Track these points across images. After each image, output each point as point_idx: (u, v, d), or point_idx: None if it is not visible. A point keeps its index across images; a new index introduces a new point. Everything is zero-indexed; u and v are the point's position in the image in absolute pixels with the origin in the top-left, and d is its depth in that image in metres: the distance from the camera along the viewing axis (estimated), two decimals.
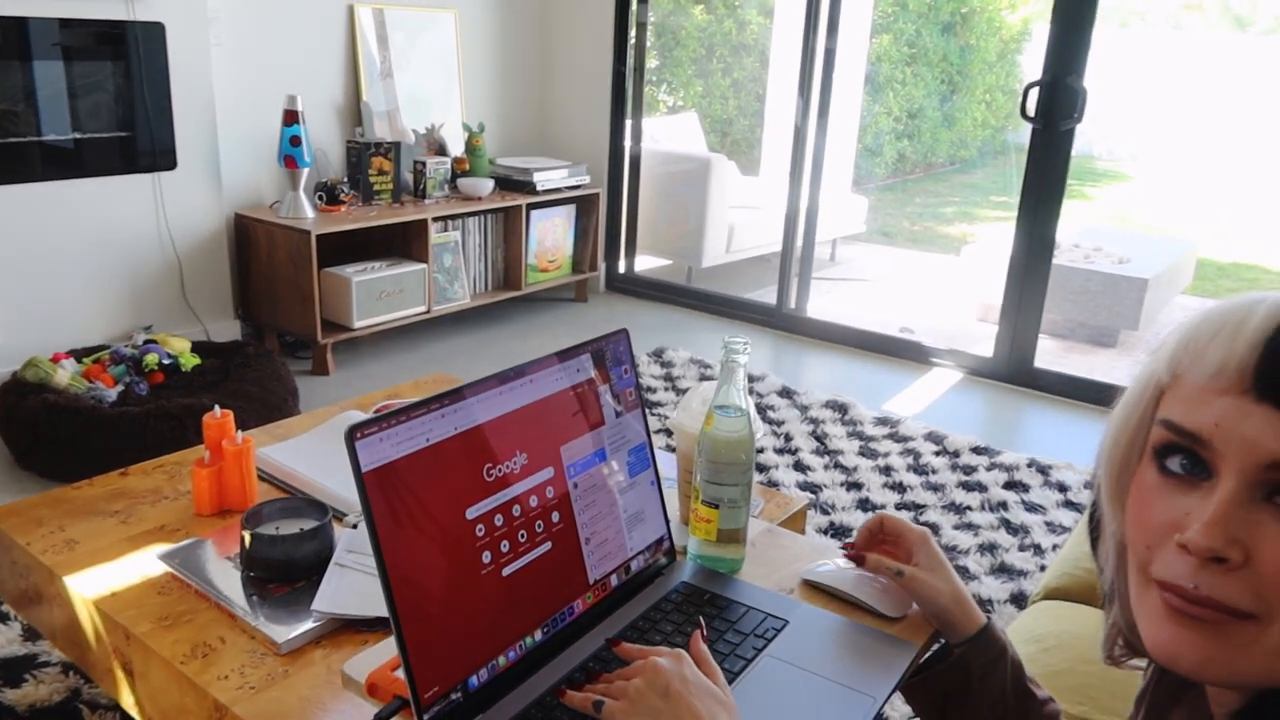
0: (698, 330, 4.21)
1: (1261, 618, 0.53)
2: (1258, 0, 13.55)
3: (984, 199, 9.54)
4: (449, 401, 0.80)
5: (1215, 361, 0.54)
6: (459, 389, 0.82)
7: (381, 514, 0.73)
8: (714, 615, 0.94)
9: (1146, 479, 0.58)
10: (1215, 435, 0.54)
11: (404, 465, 0.75)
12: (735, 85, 6.78)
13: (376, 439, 0.74)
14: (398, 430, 0.76)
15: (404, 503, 0.75)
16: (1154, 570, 0.57)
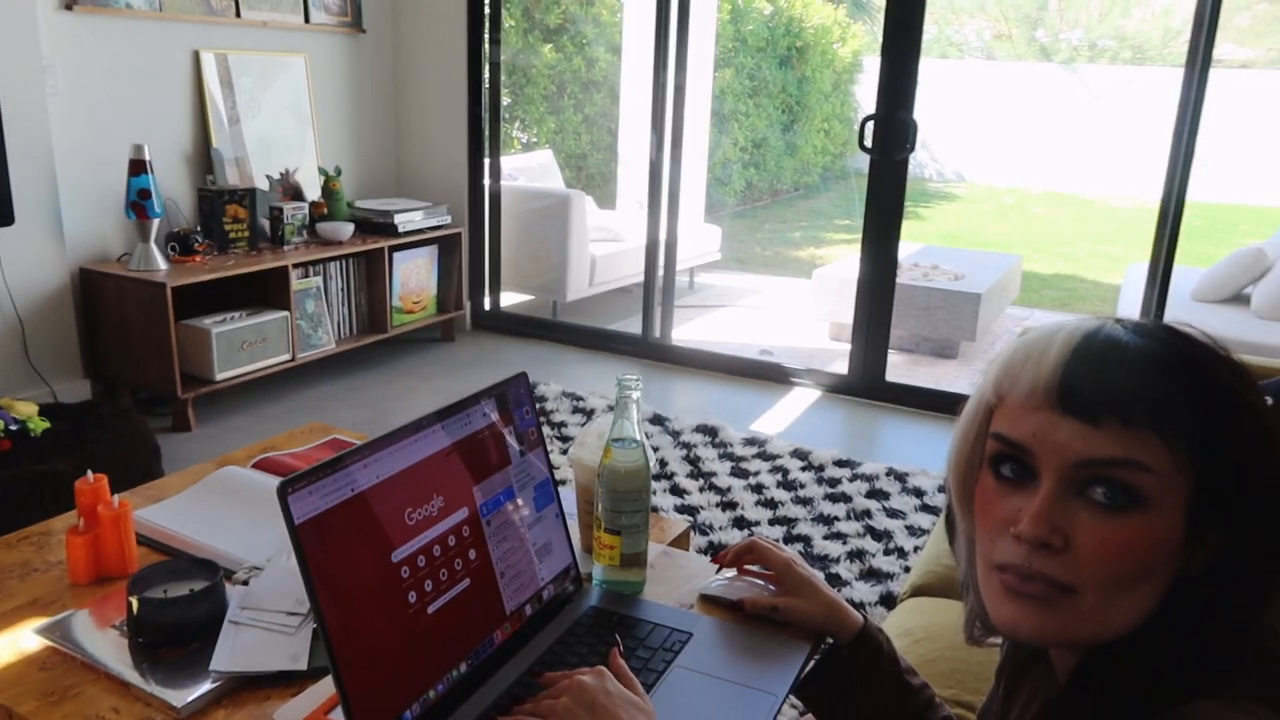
0: (567, 364, 4.28)
1: (1079, 590, 0.64)
2: (1058, 32, 14.77)
3: (829, 223, 10.01)
4: (370, 452, 0.84)
5: (1027, 384, 0.66)
6: (378, 440, 0.86)
7: (316, 564, 0.77)
8: (624, 634, 1.01)
9: (986, 484, 0.70)
10: (1034, 444, 0.66)
11: (333, 516, 0.79)
12: (587, 121, 6.92)
13: (306, 492, 0.78)
14: (325, 483, 0.79)
15: (335, 551, 0.79)
16: (995, 558, 0.68)
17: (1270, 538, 0.65)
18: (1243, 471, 0.64)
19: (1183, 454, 0.63)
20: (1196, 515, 0.64)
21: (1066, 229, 10.18)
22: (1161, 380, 0.64)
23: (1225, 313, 4.41)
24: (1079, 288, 7.44)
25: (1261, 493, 0.65)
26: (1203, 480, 0.64)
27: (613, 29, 6.55)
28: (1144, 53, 13.79)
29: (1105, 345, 0.66)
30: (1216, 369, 0.66)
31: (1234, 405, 0.65)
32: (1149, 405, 0.63)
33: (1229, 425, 0.64)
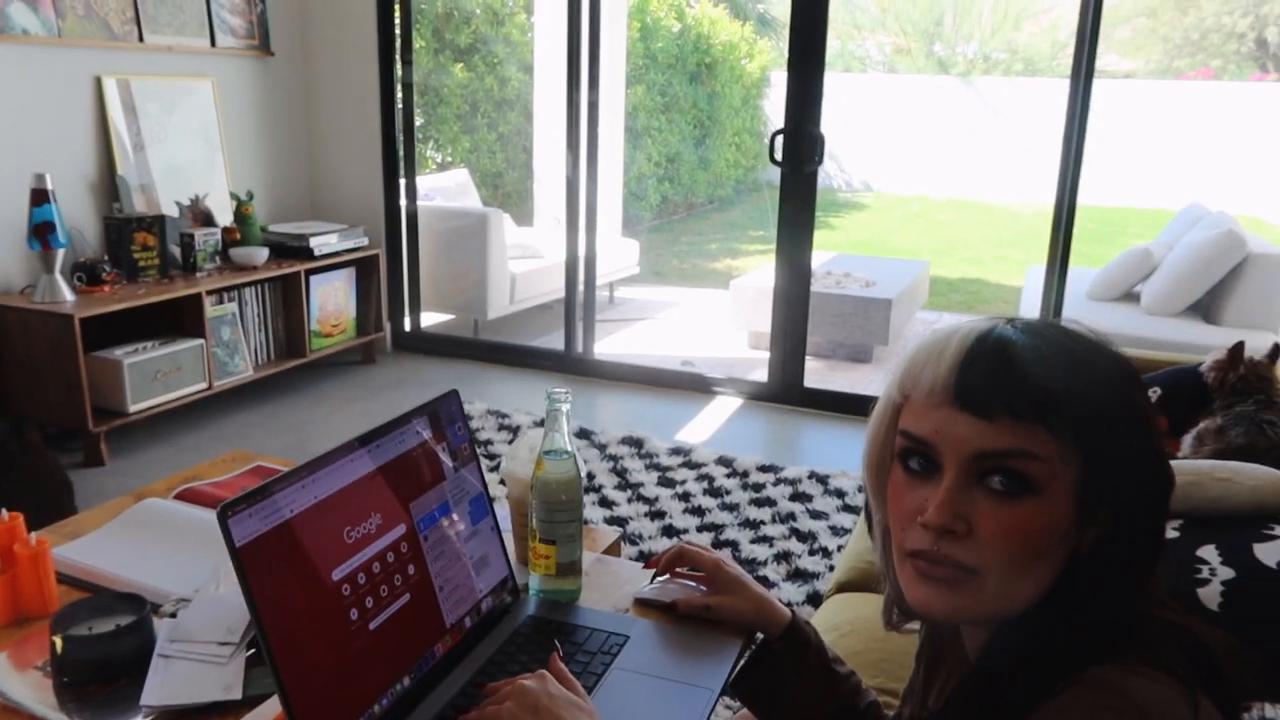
0: (491, 382, 4.28)
1: (983, 572, 0.71)
2: (954, 46, 15.31)
3: (743, 234, 10.18)
4: (307, 473, 0.86)
5: (928, 383, 0.72)
6: (315, 460, 0.88)
7: (258, 586, 0.78)
8: (562, 640, 1.04)
9: (896, 477, 0.76)
10: (936, 439, 0.72)
11: (273, 537, 0.81)
12: (502, 139, 6.93)
13: (246, 515, 0.79)
14: (264, 505, 0.81)
15: (277, 572, 0.81)
16: (906, 545, 0.74)
17: (1150, 515, 0.72)
18: (1123, 456, 0.70)
19: (1069, 442, 0.69)
20: (1085, 498, 0.70)
21: (970, 234, 10.54)
22: (1046, 375, 0.70)
23: (1118, 310, 4.64)
24: (984, 290, 7.72)
25: (1140, 474, 0.71)
26: (1088, 465, 0.70)
27: (524, 48, 6.57)
28: (1034, 65, 14.40)
29: (995, 345, 0.72)
30: (1098, 362, 0.72)
31: (1114, 396, 0.71)
32: (1035, 399, 0.69)
33: (1109, 415, 0.70)
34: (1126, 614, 0.71)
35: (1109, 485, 0.70)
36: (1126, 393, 0.72)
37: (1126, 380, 0.72)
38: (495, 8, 6.52)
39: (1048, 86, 12.74)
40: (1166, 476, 0.72)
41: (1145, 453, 0.71)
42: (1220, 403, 1.98)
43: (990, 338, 0.73)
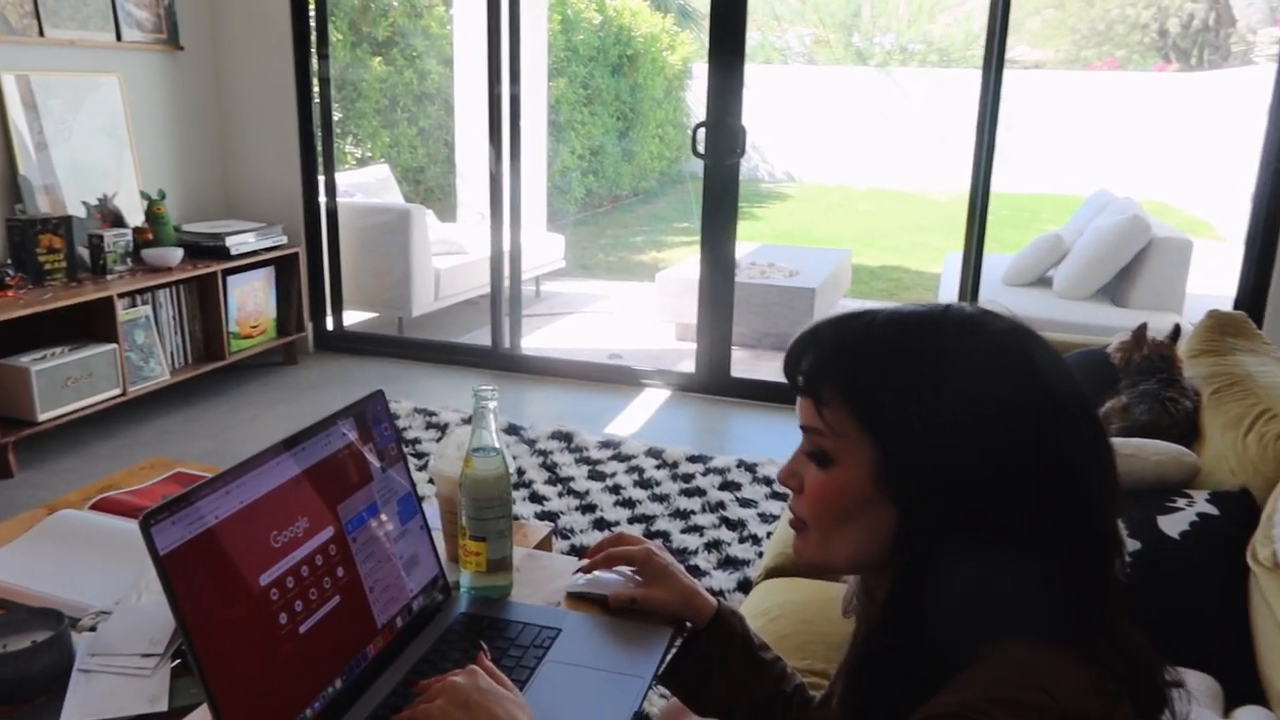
0: (417, 380, 4.23)
1: (809, 525, 0.79)
2: (871, 37, 15.58)
3: (669, 226, 10.23)
4: (231, 478, 0.85)
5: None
6: (239, 465, 0.87)
7: (183, 593, 0.77)
8: (495, 636, 1.04)
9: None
10: (799, 418, 0.79)
11: (198, 544, 0.80)
12: (423, 134, 6.84)
13: (169, 523, 0.78)
14: (187, 512, 0.80)
15: (203, 579, 0.79)
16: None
17: (974, 499, 0.70)
18: (921, 442, 0.70)
19: (863, 421, 0.73)
20: (883, 474, 0.72)
21: (890, 223, 10.76)
22: (842, 359, 0.75)
23: (1031, 294, 4.79)
24: (904, 278, 7.89)
25: (949, 460, 0.70)
26: (879, 444, 0.72)
27: (443, 41, 6.49)
28: (949, 55, 14.74)
29: (811, 331, 0.79)
30: (909, 349, 0.73)
31: (911, 382, 0.72)
32: (827, 380, 0.75)
33: (897, 400, 0.71)
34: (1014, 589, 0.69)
35: (903, 465, 0.72)
36: (938, 381, 0.71)
37: (950, 367, 0.71)
38: (413, 0, 6.43)
39: (962, 77, 13.06)
40: (1003, 466, 0.70)
41: (957, 442, 0.70)
42: (1126, 382, 2.07)
43: (817, 325, 0.79)
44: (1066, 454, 0.71)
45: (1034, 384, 0.72)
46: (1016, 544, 0.69)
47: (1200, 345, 2.15)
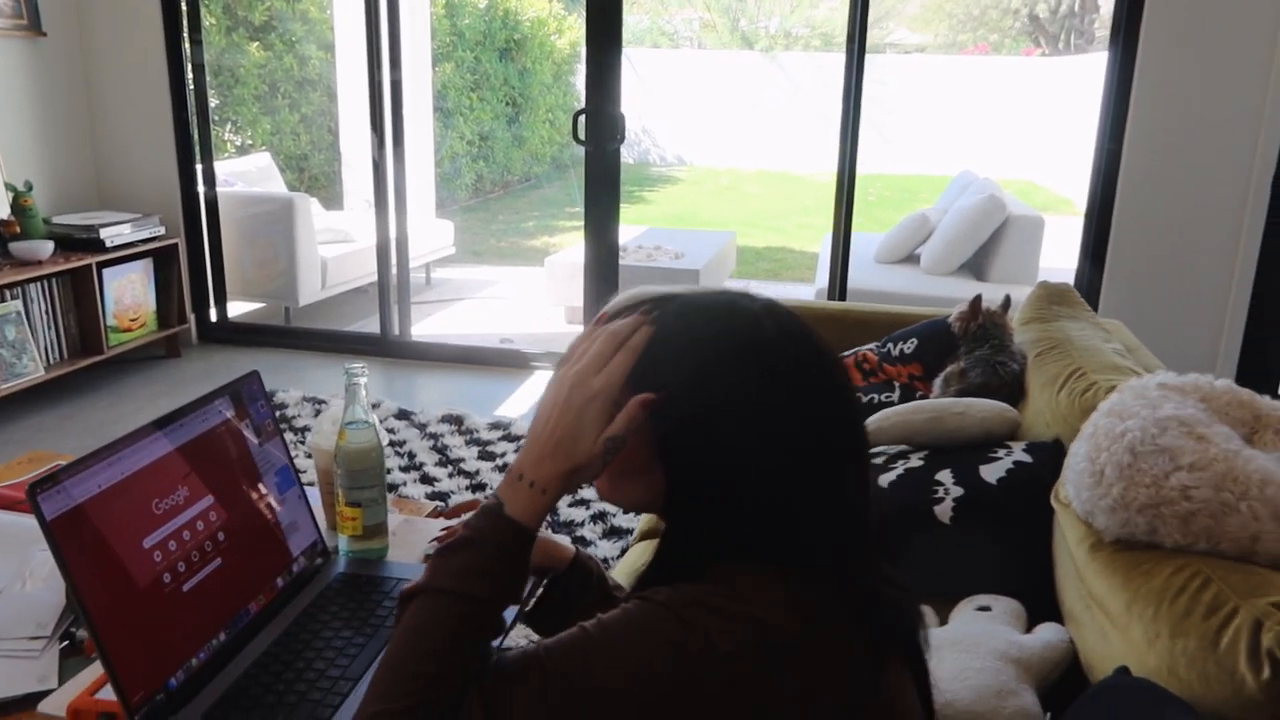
0: (306, 369, 4.23)
1: (606, 475, 0.90)
2: (757, 21, 15.87)
3: (560, 211, 10.29)
4: (113, 451, 0.93)
5: None
6: (123, 438, 0.94)
7: (71, 554, 0.85)
8: (371, 590, 1.14)
9: None
10: None
11: (84, 510, 0.87)
12: (305, 120, 6.74)
13: (55, 491, 0.85)
14: (74, 481, 0.87)
15: (89, 543, 0.87)
16: None
17: (729, 468, 0.84)
18: (684, 418, 0.84)
19: (641, 388, 0.84)
20: (660, 445, 0.85)
21: (777, 204, 11.05)
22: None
23: (901, 271, 5.06)
24: (787, 258, 8.16)
25: (707, 435, 0.84)
26: (657, 422, 0.84)
27: (323, 26, 6.41)
28: (831, 40, 15.14)
29: (615, 301, 0.92)
30: (677, 335, 0.86)
31: (680, 367, 0.85)
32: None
33: (665, 382, 0.84)
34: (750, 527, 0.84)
35: (668, 438, 0.85)
36: (698, 365, 0.84)
37: (709, 353, 0.85)
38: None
39: (844, 61, 13.44)
40: (771, 432, 0.83)
41: (714, 420, 0.83)
42: (964, 349, 2.27)
43: (612, 304, 0.93)
44: (817, 431, 0.85)
45: (791, 375, 0.85)
46: (766, 499, 0.84)
47: (1031, 314, 2.37)
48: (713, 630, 0.77)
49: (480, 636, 0.82)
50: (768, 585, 0.81)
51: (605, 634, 0.80)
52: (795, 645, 0.79)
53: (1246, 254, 3.49)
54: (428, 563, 0.86)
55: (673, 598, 0.79)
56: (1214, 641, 1.05)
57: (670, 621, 0.77)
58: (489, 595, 0.82)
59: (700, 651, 0.76)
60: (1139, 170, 3.51)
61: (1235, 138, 3.40)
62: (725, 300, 0.89)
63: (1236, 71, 3.35)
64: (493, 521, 0.85)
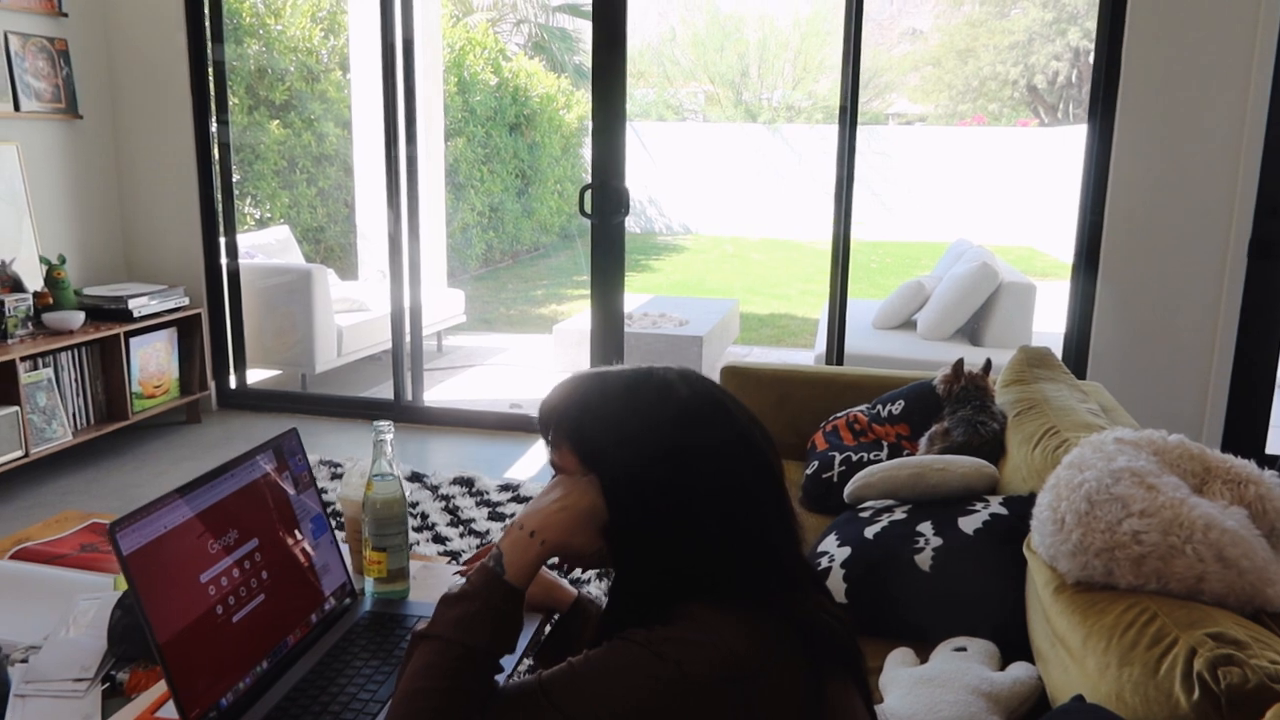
0: (322, 433, 4.37)
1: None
2: (760, 96, 16.30)
3: (567, 279, 10.51)
4: (178, 496, 1.06)
5: None
6: (183, 487, 1.08)
7: (143, 585, 0.98)
8: (395, 627, 1.27)
9: None
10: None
11: (153, 547, 1.01)
12: (322, 194, 6.99)
13: (131, 530, 0.99)
14: (143, 523, 1.01)
15: (157, 575, 1.01)
16: None
17: (661, 517, 0.97)
18: (621, 474, 0.98)
19: (585, 463, 1.00)
20: (607, 499, 0.99)
21: (780, 272, 11.27)
22: (565, 420, 1.03)
23: (898, 337, 5.21)
24: (790, 324, 8.32)
25: (642, 488, 0.98)
26: (601, 478, 0.99)
27: (340, 105, 6.69)
28: (832, 112, 15.54)
29: (553, 389, 1.07)
30: (616, 410, 1.01)
31: (613, 432, 1.00)
32: (559, 436, 1.04)
33: (602, 445, 1.00)
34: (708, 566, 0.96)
35: (613, 490, 0.99)
36: (634, 431, 0.99)
37: (631, 415, 1.00)
38: (310, 65, 6.63)
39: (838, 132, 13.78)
40: (691, 485, 0.97)
41: (646, 474, 0.97)
42: (948, 409, 2.40)
43: (551, 393, 1.07)
44: (731, 478, 0.99)
45: (704, 432, 1.00)
46: (696, 542, 0.97)
47: (1012, 376, 2.50)
48: (684, 661, 0.89)
49: (477, 677, 0.94)
50: (727, 617, 0.93)
51: (592, 669, 0.92)
52: (757, 670, 0.91)
53: (1227, 318, 3.63)
54: (435, 607, 0.99)
55: (648, 636, 0.92)
56: (1154, 669, 1.17)
57: (646, 656, 0.90)
58: (482, 643, 0.95)
59: (675, 681, 0.88)
60: (1121, 238, 3.67)
61: (1211, 205, 3.57)
62: (643, 373, 1.05)
63: (1210, 143, 3.53)
64: (487, 580, 0.98)
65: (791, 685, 0.92)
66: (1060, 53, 17.18)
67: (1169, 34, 3.49)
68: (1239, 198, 3.54)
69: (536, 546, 0.98)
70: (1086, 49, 17.05)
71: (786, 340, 7.69)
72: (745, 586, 0.96)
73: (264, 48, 6.24)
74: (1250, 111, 3.47)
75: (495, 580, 0.97)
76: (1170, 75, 3.52)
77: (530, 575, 0.99)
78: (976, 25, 17.76)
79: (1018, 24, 17.37)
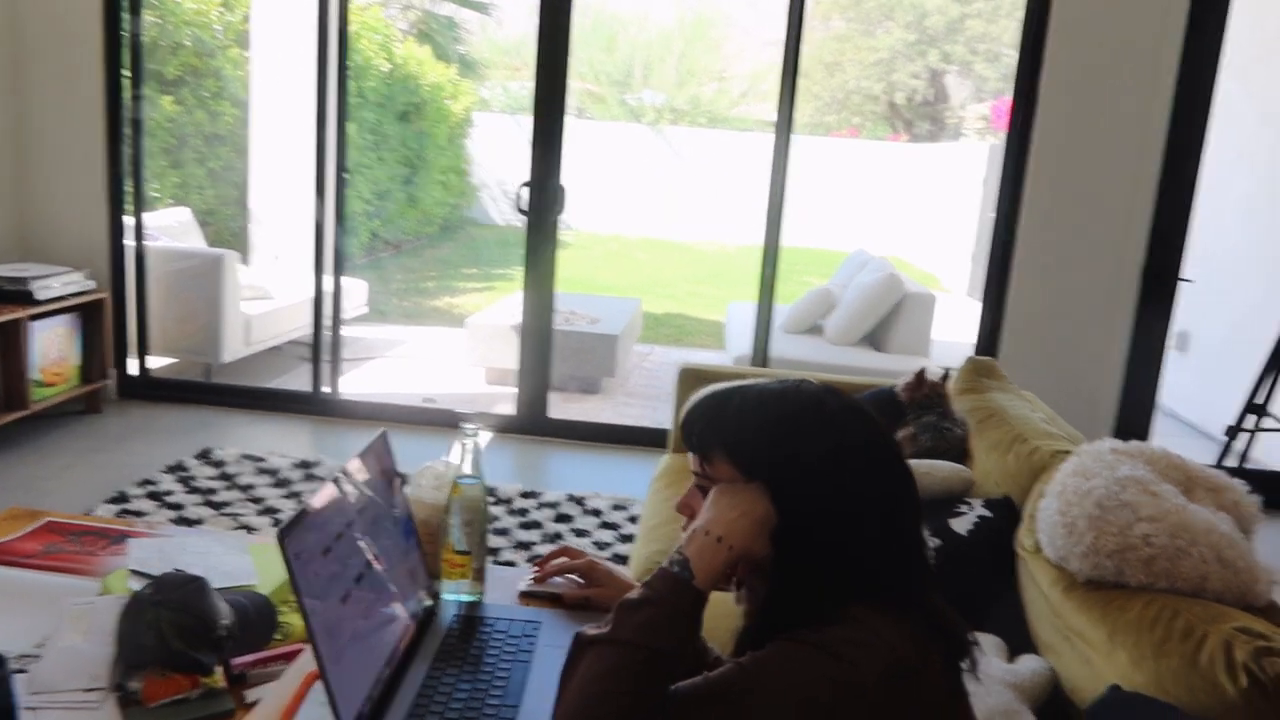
0: (233, 426, 4.20)
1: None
2: (642, 97, 16.45)
3: (457, 272, 10.37)
4: (325, 507, 1.05)
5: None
6: (321, 494, 1.07)
7: (305, 587, 0.97)
8: (489, 630, 1.27)
9: None
10: (692, 466, 1.10)
11: (309, 552, 1.00)
12: (213, 175, 6.67)
13: (297, 534, 0.97)
14: (304, 526, 1.00)
15: (312, 580, 0.99)
16: None
17: (832, 518, 1.02)
18: (785, 479, 1.03)
19: (744, 473, 1.04)
20: (782, 503, 1.02)
21: (666, 271, 11.44)
22: (724, 431, 1.06)
23: (806, 341, 5.41)
24: (686, 324, 8.48)
25: (809, 490, 1.02)
26: (769, 485, 1.03)
27: (237, 83, 6.40)
28: (716, 117, 15.86)
29: (697, 406, 1.10)
30: (754, 411, 1.05)
31: (768, 438, 1.04)
32: (714, 446, 1.06)
33: (763, 453, 1.03)
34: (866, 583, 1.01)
35: (781, 497, 1.03)
36: (796, 438, 1.03)
37: (790, 430, 1.04)
38: (205, 39, 6.31)
39: (726, 137, 14.12)
40: (854, 490, 1.03)
41: (811, 478, 1.02)
42: (911, 415, 2.54)
43: (704, 395, 1.11)
44: (884, 483, 1.05)
45: (857, 440, 1.06)
46: (859, 541, 1.03)
47: (964, 385, 2.67)
48: (859, 662, 0.94)
49: (661, 681, 0.96)
50: (886, 618, 0.99)
51: (765, 670, 0.96)
52: (919, 671, 0.98)
53: (1121, 337, 3.96)
54: (613, 613, 1.00)
55: (820, 637, 0.96)
56: (1193, 660, 1.30)
57: (823, 657, 0.94)
58: (668, 648, 0.98)
59: (850, 681, 0.94)
60: (1030, 258, 3.94)
61: (1111, 231, 3.88)
62: (791, 387, 1.10)
63: (1111, 173, 3.84)
64: (673, 585, 1.01)
65: (940, 685, 1.00)
66: (919, 72, 18.05)
67: (1080, 78, 3.78)
68: (1135, 228, 3.87)
69: (725, 552, 1.02)
70: (943, 70, 18.01)
71: (686, 340, 7.83)
72: (896, 586, 1.02)
73: (158, 19, 5.90)
74: (1146, 158, 3.80)
75: (683, 585, 1.00)
76: (1079, 112, 3.81)
77: (716, 580, 1.03)
78: (844, 40, 18.45)
79: (882, 42, 18.15)
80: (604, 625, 1.00)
